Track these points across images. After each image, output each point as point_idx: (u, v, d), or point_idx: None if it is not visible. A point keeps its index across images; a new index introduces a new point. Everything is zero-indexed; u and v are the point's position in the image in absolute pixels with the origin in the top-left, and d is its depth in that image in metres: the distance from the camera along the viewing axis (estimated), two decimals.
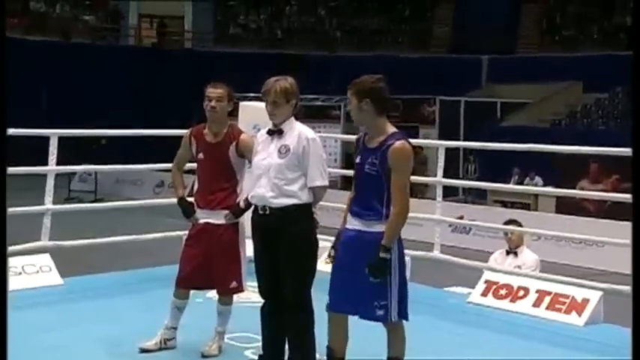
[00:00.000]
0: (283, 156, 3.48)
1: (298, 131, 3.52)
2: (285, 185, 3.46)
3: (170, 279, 5.17)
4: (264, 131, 3.66)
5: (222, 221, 3.88)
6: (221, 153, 3.89)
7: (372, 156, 3.26)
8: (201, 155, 3.96)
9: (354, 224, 3.34)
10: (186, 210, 4.00)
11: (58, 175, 5.56)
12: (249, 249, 4.08)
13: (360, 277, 3.23)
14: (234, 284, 3.92)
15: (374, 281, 3.20)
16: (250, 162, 3.77)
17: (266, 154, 3.54)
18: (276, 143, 3.53)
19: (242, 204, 3.86)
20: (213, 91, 3.91)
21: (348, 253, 3.31)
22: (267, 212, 3.50)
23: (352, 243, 3.31)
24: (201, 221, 3.94)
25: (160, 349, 3.96)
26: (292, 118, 3.59)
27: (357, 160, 3.35)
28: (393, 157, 3.20)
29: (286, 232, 3.46)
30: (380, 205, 3.25)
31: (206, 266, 3.92)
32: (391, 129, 3.30)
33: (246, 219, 3.86)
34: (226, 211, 3.89)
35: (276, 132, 3.56)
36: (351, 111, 3.33)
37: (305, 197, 3.50)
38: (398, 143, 3.22)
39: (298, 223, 3.47)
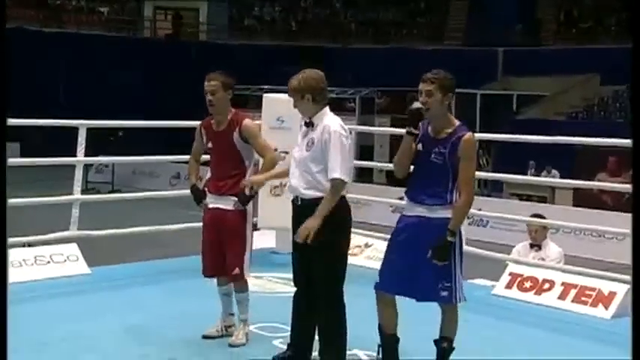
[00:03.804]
0: (309, 149, 3.53)
1: (324, 124, 3.55)
2: (313, 177, 3.51)
3: (192, 270, 5.22)
4: (302, 123, 3.69)
5: (229, 207, 3.93)
6: (226, 140, 3.95)
7: (440, 146, 3.37)
8: (210, 144, 4.05)
9: (416, 211, 3.42)
10: (196, 196, 4.09)
11: (75, 167, 5.60)
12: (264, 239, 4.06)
13: (425, 260, 3.33)
14: (236, 271, 3.95)
15: (438, 263, 3.30)
16: (254, 148, 3.90)
17: (299, 147, 3.60)
18: (308, 136, 3.58)
19: (247, 191, 3.88)
20: (207, 85, 3.95)
21: (411, 238, 3.39)
22: (300, 203, 3.56)
23: (415, 228, 3.40)
24: (211, 206, 4.01)
25: (222, 335, 4.04)
26: (324, 110, 3.59)
27: (420, 147, 3.43)
28: (465, 148, 3.34)
29: None
30: (445, 192, 3.36)
31: (219, 253, 3.98)
32: (457, 121, 3.43)
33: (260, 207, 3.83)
34: (234, 198, 3.92)
35: (308, 124, 3.60)
36: (430, 103, 3.35)
37: None
38: (469, 135, 3.37)
39: (329, 215, 3.46)
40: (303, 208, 3.53)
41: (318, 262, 3.51)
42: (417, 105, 3.37)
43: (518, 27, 21.65)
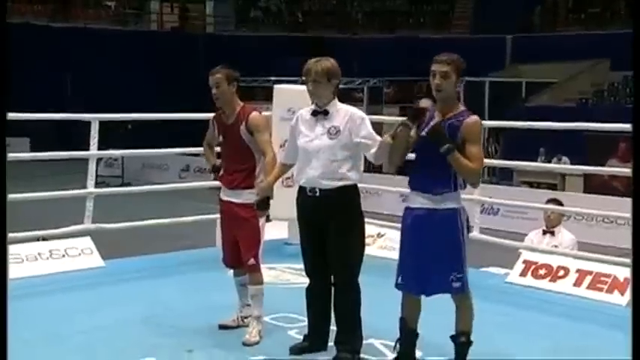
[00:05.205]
0: (334, 137, 3.49)
1: (346, 112, 3.54)
2: (336, 166, 3.49)
3: (205, 261, 5.23)
4: (304, 112, 3.65)
5: (241, 200, 3.94)
6: (235, 134, 3.95)
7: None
8: (221, 138, 4.07)
9: (421, 202, 3.33)
10: (215, 171, 4.11)
11: (84, 160, 5.61)
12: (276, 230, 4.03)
13: (434, 255, 3.28)
14: (251, 261, 3.96)
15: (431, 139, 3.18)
16: (257, 142, 3.82)
17: (313, 136, 3.54)
18: (323, 124, 3.53)
19: (264, 193, 3.80)
20: (211, 79, 3.94)
21: (420, 234, 3.33)
22: (318, 194, 3.52)
23: (423, 223, 3.32)
24: (224, 199, 4.03)
25: (238, 325, 4.06)
26: (336, 99, 3.59)
27: (424, 133, 3.32)
28: (470, 129, 3.27)
29: (336, 213, 3.48)
30: (449, 178, 3.28)
31: (235, 245, 4.01)
32: (462, 106, 3.36)
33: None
34: (246, 191, 3.90)
35: (321, 113, 3.56)
36: (445, 85, 3.27)
37: (354, 177, 3.54)
38: (474, 117, 3.31)
39: (348, 203, 3.49)
40: (320, 198, 3.50)
41: (336, 253, 3.51)
42: (425, 104, 3.30)
43: (525, 13, 21.43)
